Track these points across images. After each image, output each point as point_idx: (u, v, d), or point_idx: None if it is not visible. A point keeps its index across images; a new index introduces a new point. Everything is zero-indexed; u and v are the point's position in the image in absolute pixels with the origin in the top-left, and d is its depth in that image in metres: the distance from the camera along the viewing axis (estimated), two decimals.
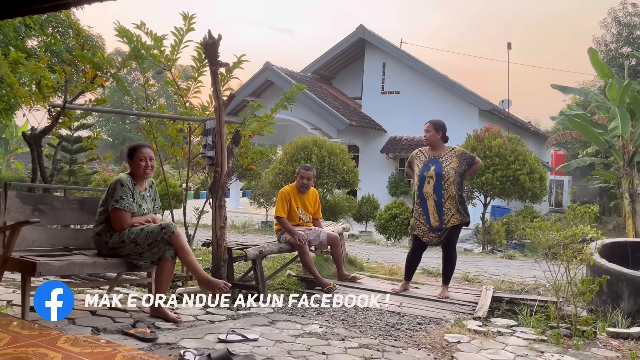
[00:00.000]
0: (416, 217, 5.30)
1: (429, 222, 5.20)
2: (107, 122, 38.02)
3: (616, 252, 5.40)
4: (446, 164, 5.19)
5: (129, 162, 3.96)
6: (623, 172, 14.12)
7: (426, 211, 5.21)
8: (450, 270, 5.30)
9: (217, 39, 4.59)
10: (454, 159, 5.21)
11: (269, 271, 5.76)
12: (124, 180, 3.85)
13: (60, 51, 8.78)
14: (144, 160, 3.94)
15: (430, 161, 5.25)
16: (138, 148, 3.99)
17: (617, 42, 25.24)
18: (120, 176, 3.90)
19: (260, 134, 5.86)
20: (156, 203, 4.15)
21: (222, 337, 3.39)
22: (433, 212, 5.17)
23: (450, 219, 5.13)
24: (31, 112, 5.69)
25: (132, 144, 4.09)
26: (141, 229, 3.76)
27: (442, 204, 5.12)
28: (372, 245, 10.56)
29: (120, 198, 3.77)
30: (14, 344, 2.75)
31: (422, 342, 3.69)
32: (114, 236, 3.77)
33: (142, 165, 3.94)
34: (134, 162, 3.94)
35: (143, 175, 3.98)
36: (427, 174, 5.19)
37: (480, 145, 11.84)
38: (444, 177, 5.13)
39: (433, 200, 5.15)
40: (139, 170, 3.96)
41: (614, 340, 3.90)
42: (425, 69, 17.93)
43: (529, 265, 8.17)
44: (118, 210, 3.76)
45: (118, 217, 3.77)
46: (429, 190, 5.16)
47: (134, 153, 3.95)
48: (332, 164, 11.93)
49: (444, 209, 5.12)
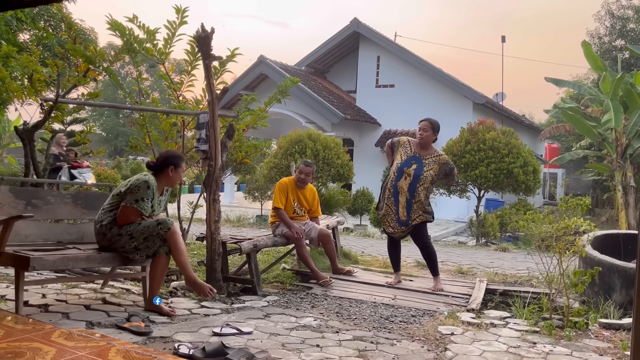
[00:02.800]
0: (388, 205, 5.32)
1: (398, 214, 5.25)
2: (101, 116, 37.84)
3: (608, 244, 5.44)
4: (428, 168, 5.19)
5: (172, 170, 3.93)
6: (616, 165, 14.21)
7: (397, 203, 5.25)
8: (432, 262, 5.34)
9: (210, 32, 4.57)
10: (436, 166, 5.22)
11: (264, 265, 5.77)
12: (152, 183, 3.82)
13: (52, 45, 8.73)
14: (183, 172, 4.05)
15: (414, 158, 5.24)
16: (183, 160, 4.08)
17: (610, 35, 25.29)
18: (149, 178, 3.83)
19: (254, 128, 5.84)
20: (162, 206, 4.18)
21: (217, 331, 3.40)
22: (403, 207, 5.22)
23: (416, 218, 5.21)
24: (23, 107, 5.65)
25: (177, 154, 4.13)
26: (138, 223, 3.75)
27: (412, 203, 5.19)
28: (367, 239, 10.59)
29: (142, 199, 3.76)
30: (7, 338, 2.75)
31: (416, 334, 3.72)
32: (113, 229, 3.76)
33: (181, 178, 4.05)
34: (178, 173, 3.99)
35: (173, 185, 4.06)
36: (407, 170, 5.20)
37: (474, 139, 11.87)
38: (420, 181, 5.16)
39: (405, 197, 5.20)
40: (177, 182, 4.05)
41: (605, 331, 3.94)
42: (419, 63, 17.91)
43: (522, 257, 8.22)
44: (134, 210, 3.74)
45: (129, 214, 3.74)
46: (404, 187, 5.20)
47: (181, 164, 4.02)
48: (327, 158, 11.93)
49: (413, 207, 5.19)
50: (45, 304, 3.79)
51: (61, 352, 2.59)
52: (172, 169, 3.93)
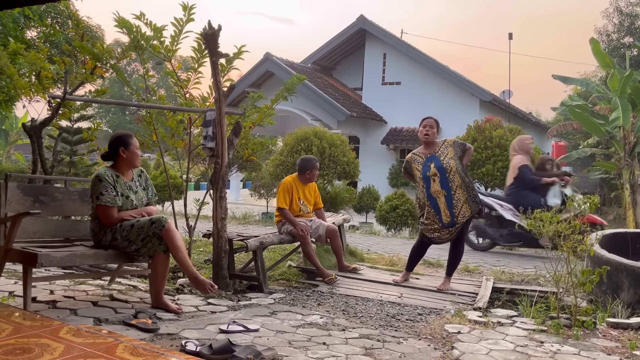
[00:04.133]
0: (429, 218, 5.17)
1: (441, 220, 5.12)
2: (107, 113, 37.96)
3: (616, 243, 5.40)
4: (444, 156, 5.16)
5: (124, 151, 3.88)
6: (624, 163, 14.11)
7: (437, 210, 5.12)
8: (455, 263, 5.32)
9: (217, 30, 4.57)
10: (449, 148, 5.19)
11: (270, 262, 5.77)
12: (102, 175, 3.78)
13: (59, 42, 8.75)
14: (138, 149, 3.95)
15: (428, 159, 5.20)
16: (132, 137, 3.96)
17: (618, 32, 25.10)
18: (97, 172, 3.82)
19: (260, 125, 5.84)
20: (150, 191, 4.10)
21: (223, 328, 3.40)
22: (444, 208, 5.09)
23: (461, 211, 5.06)
24: (31, 104, 5.67)
25: (123, 133, 4.02)
26: (132, 225, 3.72)
27: (452, 196, 5.06)
28: (373, 236, 10.57)
29: (101, 194, 3.73)
30: (16, 334, 2.76)
31: (423, 333, 3.71)
32: (106, 233, 3.76)
33: (138, 154, 3.94)
34: (131, 151, 3.90)
35: (136, 165, 3.96)
36: (430, 173, 5.13)
37: (481, 136, 11.82)
38: (447, 170, 5.09)
39: (443, 197, 5.08)
40: (136, 160, 3.94)
41: (613, 331, 3.91)
42: (426, 60, 17.86)
43: (530, 256, 8.19)
44: (101, 207, 3.74)
45: (103, 213, 3.74)
46: (437, 188, 5.09)
47: (131, 142, 3.91)
48: (333, 155, 11.91)
49: (454, 201, 5.06)
50: (53, 300, 3.81)
51: (69, 348, 2.60)
52: (122, 150, 3.88)
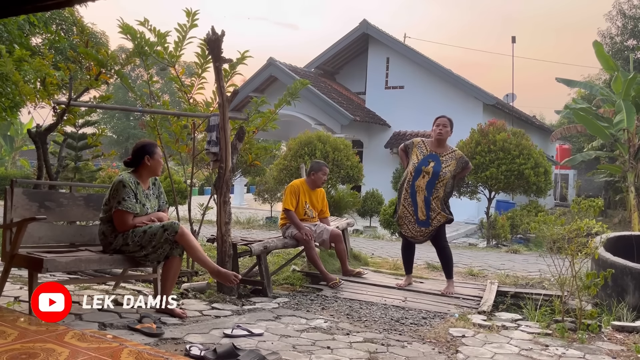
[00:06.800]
0: (405, 207, 5.28)
1: (417, 215, 5.21)
2: (112, 119, 38.08)
3: (621, 246, 5.39)
4: (446, 164, 5.18)
5: (149, 159, 3.91)
6: (629, 166, 14.07)
7: (415, 204, 5.21)
8: (448, 264, 5.32)
9: (221, 35, 4.59)
10: (454, 161, 5.21)
11: (274, 266, 5.77)
12: (126, 180, 3.81)
13: (64, 48, 8.80)
14: (162, 158, 4.02)
15: (431, 156, 5.22)
16: (156, 146, 4.02)
17: (622, 35, 25.04)
18: (122, 176, 3.84)
19: (264, 130, 5.85)
20: (161, 199, 4.14)
21: (228, 332, 3.41)
22: (422, 206, 5.19)
23: (437, 216, 5.18)
24: (36, 110, 5.69)
25: (148, 142, 4.06)
26: (144, 231, 3.74)
27: (430, 201, 5.16)
28: (377, 240, 10.57)
29: (123, 199, 3.75)
30: (22, 339, 2.78)
31: (427, 337, 3.70)
32: (117, 237, 3.78)
33: (162, 163, 4.01)
34: (155, 160, 3.94)
35: (157, 173, 4.01)
36: (425, 169, 5.17)
37: (484, 140, 11.82)
38: (440, 177, 5.13)
39: (423, 195, 5.17)
40: (159, 169, 4.00)
41: (619, 334, 3.90)
42: (429, 64, 17.85)
43: (534, 259, 8.16)
44: (121, 212, 3.75)
45: (121, 218, 3.76)
46: (422, 185, 5.17)
47: (156, 150, 3.97)
48: (336, 160, 11.93)
49: (432, 205, 5.16)
50: None
51: (74, 353, 2.61)
52: (148, 158, 3.92)
